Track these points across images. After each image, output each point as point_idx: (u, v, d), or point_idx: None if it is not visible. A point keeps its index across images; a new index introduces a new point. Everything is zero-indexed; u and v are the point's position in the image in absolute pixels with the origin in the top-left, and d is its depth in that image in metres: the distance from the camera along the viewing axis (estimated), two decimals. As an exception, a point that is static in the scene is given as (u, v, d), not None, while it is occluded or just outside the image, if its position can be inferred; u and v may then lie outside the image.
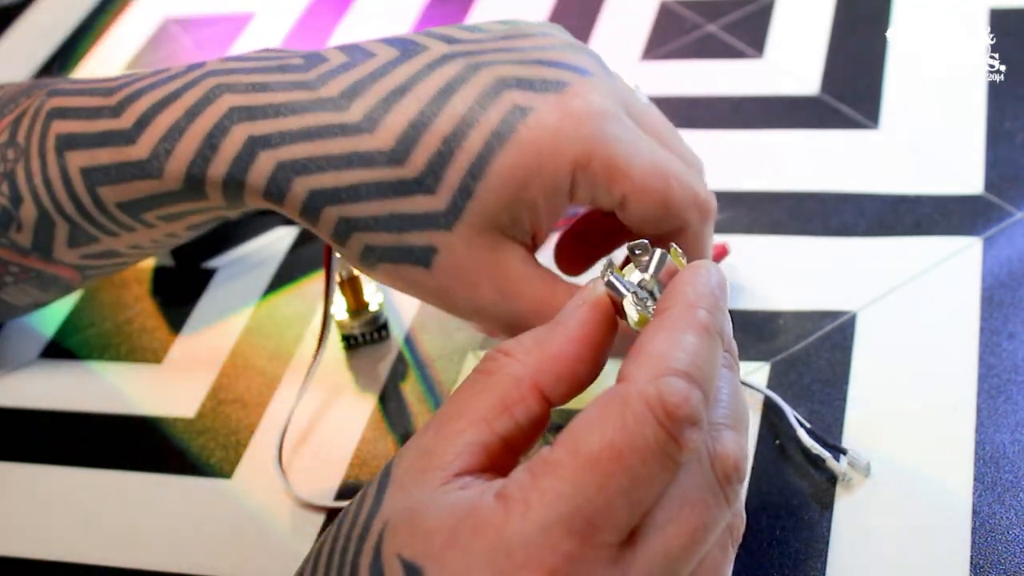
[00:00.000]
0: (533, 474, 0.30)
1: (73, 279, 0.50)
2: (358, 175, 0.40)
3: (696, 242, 0.42)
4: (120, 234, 0.47)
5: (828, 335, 0.50)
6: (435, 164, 0.39)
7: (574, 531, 0.29)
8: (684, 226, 0.41)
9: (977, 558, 0.41)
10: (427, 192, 0.39)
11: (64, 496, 0.50)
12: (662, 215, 0.41)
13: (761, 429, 0.47)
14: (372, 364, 0.53)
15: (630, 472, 0.29)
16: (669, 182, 0.40)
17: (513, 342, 0.34)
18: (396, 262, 0.40)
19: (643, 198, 0.40)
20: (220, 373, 0.54)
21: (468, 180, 0.39)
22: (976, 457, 0.44)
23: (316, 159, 0.40)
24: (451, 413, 0.33)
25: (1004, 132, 0.58)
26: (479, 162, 0.39)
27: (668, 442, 0.29)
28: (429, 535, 0.30)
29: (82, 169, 0.45)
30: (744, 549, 0.43)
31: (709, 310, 0.32)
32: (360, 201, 0.40)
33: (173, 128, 0.42)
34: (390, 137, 0.40)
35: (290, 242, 0.61)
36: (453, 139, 0.39)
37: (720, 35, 0.69)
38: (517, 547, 0.29)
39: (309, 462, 0.50)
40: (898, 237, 0.54)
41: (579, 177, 0.40)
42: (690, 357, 0.30)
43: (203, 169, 0.42)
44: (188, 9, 0.82)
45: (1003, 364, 0.47)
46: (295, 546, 0.47)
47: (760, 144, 0.61)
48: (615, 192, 0.40)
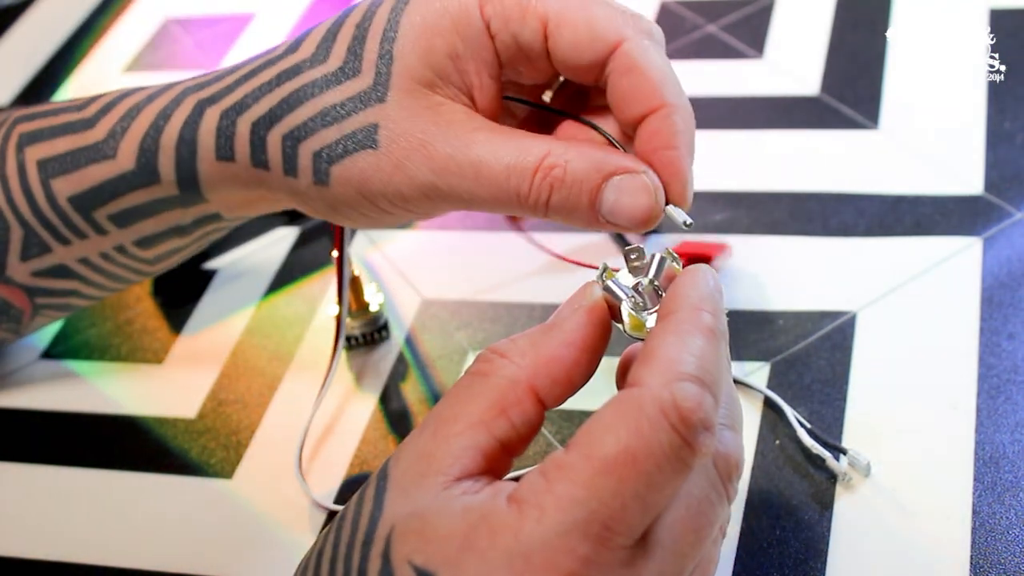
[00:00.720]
0: (547, 478, 0.30)
1: (24, 309, 0.50)
2: (287, 88, 0.41)
3: (642, 59, 0.37)
4: (71, 241, 0.47)
5: (828, 335, 0.50)
6: (354, 48, 0.40)
7: (590, 535, 0.29)
8: (620, 40, 0.37)
9: (977, 558, 0.41)
10: (353, 75, 0.40)
11: (64, 496, 0.50)
12: (590, 34, 0.37)
13: (761, 429, 0.47)
14: (372, 364, 0.53)
15: (645, 477, 0.29)
16: (589, 9, 0.38)
17: (508, 343, 0.34)
18: (345, 155, 0.40)
19: (563, 17, 0.38)
20: (221, 374, 0.55)
21: (384, 47, 0.39)
22: (976, 457, 0.44)
23: (251, 94, 0.42)
24: (447, 416, 0.33)
25: (1004, 132, 0.58)
26: (389, 28, 0.39)
27: (683, 447, 0.29)
28: (442, 541, 0.30)
29: (38, 161, 0.46)
30: (744, 549, 0.43)
31: (712, 313, 0.33)
32: (294, 110, 0.40)
33: (132, 109, 0.45)
34: (311, 45, 0.41)
35: (290, 243, 0.61)
36: (364, 22, 0.40)
37: (720, 35, 0.69)
38: (535, 551, 0.29)
39: (310, 462, 0.50)
40: (898, 237, 0.54)
41: (489, 11, 0.38)
42: (700, 361, 0.31)
43: (156, 140, 0.44)
44: (188, 10, 0.82)
45: (1003, 364, 0.47)
46: (295, 546, 0.47)
47: (760, 144, 0.61)
48: (531, 20, 0.38)
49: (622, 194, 0.36)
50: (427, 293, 0.56)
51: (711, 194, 0.58)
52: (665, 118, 0.36)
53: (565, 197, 0.37)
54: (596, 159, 0.37)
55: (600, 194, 0.37)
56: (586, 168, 0.37)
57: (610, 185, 0.37)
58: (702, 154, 0.46)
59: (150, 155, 0.44)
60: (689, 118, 0.37)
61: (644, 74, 0.37)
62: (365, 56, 0.39)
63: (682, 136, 0.37)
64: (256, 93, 0.41)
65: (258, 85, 0.41)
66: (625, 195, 0.36)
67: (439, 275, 0.57)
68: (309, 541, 0.47)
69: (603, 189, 0.37)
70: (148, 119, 0.44)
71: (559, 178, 0.37)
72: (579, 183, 0.37)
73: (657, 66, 0.37)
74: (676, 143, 0.36)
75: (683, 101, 0.37)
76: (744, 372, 0.49)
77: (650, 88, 0.37)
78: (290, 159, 0.41)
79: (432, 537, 0.31)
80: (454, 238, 0.59)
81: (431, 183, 0.39)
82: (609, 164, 0.37)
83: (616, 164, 0.37)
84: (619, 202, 0.36)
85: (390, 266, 0.58)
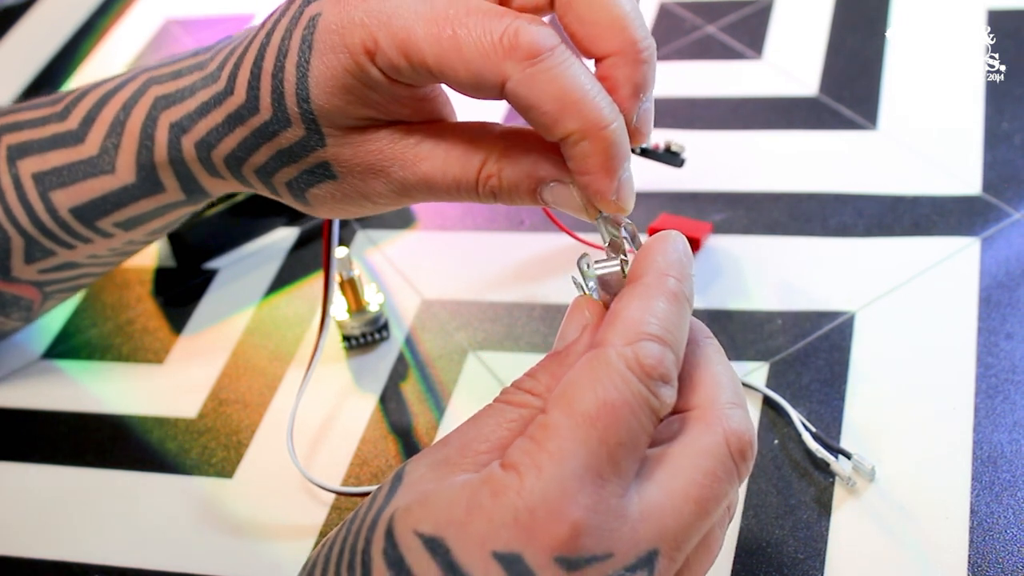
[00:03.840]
0: (536, 440, 0.31)
1: (34, 299, 0.51)
2: (239, 133, 0.42)
3: (531, 95, 0.36)
4: (76, 246, 0.48)
5: (827, 335, 0.50)
6: (276, 100, 0.41)
7: (587, 483, 0.31)
8: (502, 80, 0.36)
9: (975, 557, 0.41)
10: (287, 125, 0.41)
11: (65, 496, 0.51)
12: (473, 80, 0.37)
13: (760, 429, 0.47)
14: (372, 364, 0.54)
15: (625, 424, 0.31)
16: (456, 33, 0.36)
17: (530, 381, 0.35)
18: (313, 185, 0.42)
19: (443, 62, 0.37)
20: (221, 373, 0.55)
21: (302, 106, 0.40)
22: (974, 457, 0.44)
23: (212, 131, 0.43)
24: (476, 436, 0.34)
25: (1002, 133, 0.58)
26: (300, 87, 0.40)
27: (651, 396, 0.32)
28: (445, 508, 0.31)
29: (34, 175, 0.47)
30: (743, 549, 0.43)
31: (678, 278, 0.34)
32: (254, 152, 0.42)
33: (115, 123, 0.46)
34: (242, 90, 0.42)
35: (291, 243, 0.61)
36: (277, 73, 0.41)
37: (719, 36, 0.69)
38: (537, 504, 0.30)
39: (310, 461, 0.50)
40: (896, 237, 0.54)
41: (380, 62, 0.38)
42: (662, 323, 0.33)
43: (150, 159, 0.45)
44: (189, 10, 0.82)
45: (1001, 364, 0.47)
46: (296, 545, 0.47)
47: (759, 145, 0.61)
48: (418, 66, 0.38)
49: (556, 197, 0.39)
50: (427, 293, 0.57)
51: (710, 194, 0.58)
52: (572, 146, 0.36)
53: (508, 198, 0.40)
54: (526, 168, 0.39)
55: (540, 193, 0.39)
56: (517, 177, 0.39)
57: (545, 189, 0.39)
58: (702, 155, 0.46)
59: (149, 170, 0.46)
60: (602, 132, 0.36)
61: (539, 108, 0.36)
62: (289, 110, 0.41)
63: (593, 160, 0.36)
64: (216, 133, 0.43)
65: (214, 125, 0.43)
66: (559, 198, 0.39)
67: (439, 275, 0.57)
68: (310, 540, 0.47)
69: (541, 190, 0.39)
70: (134, 137, 0.46)
71: (496, 187, 0.39)
72: (515, 187, 0.39)
73: (551, 94, 0.36)
74: (590, 169, 0.37)
75: (591, 118, 0.36)
76: (743, 372, 0.49)
77: (550, 121, 0.36)
78: (268, 186, 0.43)
79: (435, 506, 0.32)
80: (454, 238, 0.59)
81: (395, 199, 0.42)
82: (538, 170, 0.38)
83: (547, 172, 0.38)
84: (556, 202, 0.39)
85: (390, 266, 0.58)
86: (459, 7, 0.37)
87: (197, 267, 0.61)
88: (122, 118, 0.46)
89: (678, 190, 0.58)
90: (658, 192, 0.58)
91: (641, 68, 0.37)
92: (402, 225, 0.61)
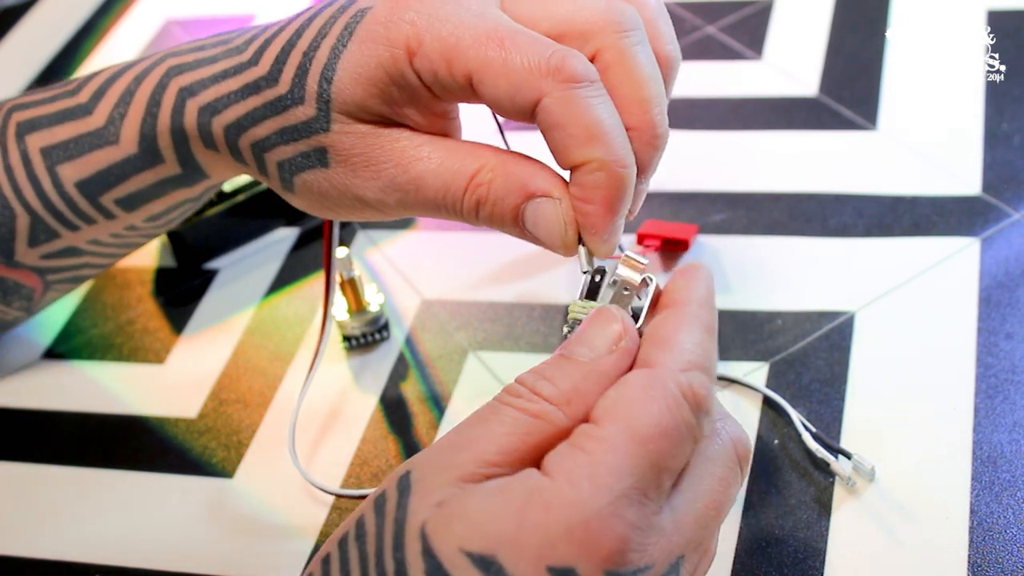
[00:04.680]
0: (588, 451, 0.32)
1: (35, 288, 0.51)
2: (250, 103, 0.43)
3: (564, 115, 0.37)
4: (80, 227, 0.48)
5: (827, 335, 0.50)
6: (298, 77, 0.42)
7: (634, 501, 0.31)
8: (539, 97, 0.37)
9: (975, 557, 0.41)
10: (300, 103, 0.42)
11: (65, 496, 0.51)
12: (510, 91, 0.37)
13: (760, 429, 0.47)
14: (372, 364, 0.54)
15: (673, 450, 0.32)
16: (505, 47, 0.38)
17: (552, 388, 0.34)
18: (303, 169, 0.42)
19: (484, 73, 0.38)
20: (222, 373, 0.55)
21: (323, 85, 0.41)
22: (974, 457, 0.44)
23: (221, 99, 0.44)
24: (487, 441, 0.33)
25: (1002, 133, 0.58)
26: (328, 68, 0.41)
27: (696, 426, 0.33)
28: (492, 523, 0.31)
29: (42, 149, 0.48)
30: (742, 548, 0.43)
31: (711, 312, 0.36)
32: (257, 124, 0.43)
33: (125, 94, 0.47)
34: (268, 62, 0.43)
35: (291, 243, 0.61)
36: (309, 50, 0.41)
37: (719, 36, 0.69)
38: (591, 519, 0.31)
39: (311, 461, 0.50)
40: (896, 238, 0.54)
41: (417, 64, 0.39)
42: (706, 353, 0.35)
43: (153, 127, 0.46)
44: (189, 11, 0.82)
45: (1000, 364, 0.48)
46: (297, 545, 0.47)
47: (759, 145, 0.61)
48: (457, 75, 0.38)
49: (537, 216, 0.39)
50: (427, 293, 0.57)
51: (710, 194, 0.58)
52: (587, 174, 0.37)
53: (490, 212, 0.39)
54: (521, 179, 0.39)
55: (523, 212, 0.39)
56: (508, 188, 0.39)
57: (530, 205, 0.39)
58: (701, 155, 0.47)
59: (151, 140, 0.46)
60: (617, 170, 0.37)
61: (566, 130, 0.37)
62: (307, 87, 0.41)
63: (601, 192, 0.37)
64: (226, 100, 0.44)
65: (227, 92, 0.44)
66: (540, 218, 0.39)
67: (439, 275, 0.57)
68: (310, 540, 0.47)
69: (525, 208, 0.39)
70: (142, 104, 0.46)
71: (483, 196, 0.39)
72: (501, 200, 0.39)
73: (581, 119, 0.37)
74: (594, 200, 0.37)
75: (610, 152, 0.37)
76: (743, 372, 0.50)
77: (573, 143, 0.37)
78: (260, 163, 0.44)
79: (479, 520, 0.31)
80: (454, 238, 0.60)
81: (379, 199, 0.41)
82: (531, 185, 0.38)
83: (538, 186, 0.38)
84: (536, 224, 0.39)
85: (390, 266, 0.58)
86: (512, 27, 0.38)
87: (197, 267, 0.61)
88: (132, 88, 0.47)
89: (678, 190, 0.59)
90: (658, 192, 0.58)
91: (650, 151, 0.39)
92: (402, 225, 0.61)
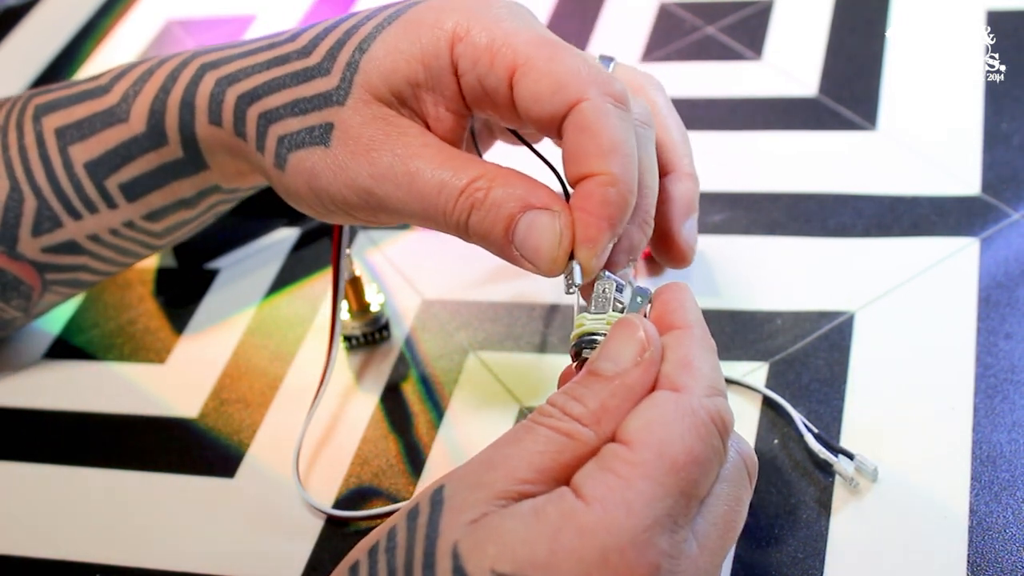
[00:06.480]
0: (620, 476, 0.32)
1: (34, 286, 0.51)
2: (273, 72, 0.43)
3: (597, 122, 0.37)
4: (83, 215, 0.49)
5: (826, 335, 0.50)
6: (333, 50, 0.42)
7: (666, 528, 0.32)
8: (581, 98, 0.37)
9: (974, 556, 0.41)
10: (324, 75, 0.41)
11: (66, 496, 0.51)
12: (552, 87, 0.37)
13: (760, 429, 0.47)
14: (373, 364, 0.54)
15: (703, 477, 0.33)
16: (556, 50, 0.38)
17: (581, 408, 0.34)
18: (302, 147, 0.42)
19: (530, 65, 0.38)
20: (223, 373, 0.55)
21: (356, 55, 0.41)
22: (973, 456, 0.44)
23: (245, 69, 0.44)
24: (519, 460, 0.33)
25: (1001, 133, 0.58)
26: (365, 41, 0.41)
27: (723, 452, 0.34)
28: (525, 545, 0.31)
29: (56, 129, 0.48)
30: (742, 548, 0.43)
31: (708, 333, 0.37)
32: (273, 93, 0.43)
33: (145, 72, 0.48)
34: (306, 38, 0.43)
35: (292, 243, 0.61)
36: (353, 28, 0.42)
37: (719, 37, 0.69)
38: (626, 546, 0.31)
39: (310, 461, 0.50)
40: (896, 238, 0.54)
41: (459, 50, 0.39)
42: (720, 377, 0.35)
43: (163, 103, 0.46)
44: (190, 11, 0.82)
45: (1000, 364, 0.48)
46: (297, 545, 0.47)
47: (758, 145, 0.61)
48: (498, 66, 0.38)
49: (531, 229, 0.38)
50: (427, 293, 0.57)
51: (710, 195, 0.58)
52: (599, 185, 0.37)
53: (482, 219, 0.38)
54: (520, 190, 0.38)
55: (515, 224, 0.38)
56: (505, 196, 0.38)
57: (524, 217, 0.38)
58: (701, 155, 0.47)
59: (159, 117, 0.47)
60: (626, 192, 0.37)
61: (595, 138, 0.37)
62: (338, 59, 0.41)
63: (607, 208, 0.37)
64: (249, 70, 0.44)
65: (254, 64, 0.44)
66: (533, 230, 0.38)
67: (439, 275, 0.57)
68: (310, 541, 0.47)
69: (518, 220, 0.38)
70: (159, 81, 0.47)
71: (479, 200, 0.38)
72: (496, 207, 0.38)
73: (611, 132, 0.37)
74: (599, 212, 0.37)
75: (626, 173, 0.37)
76: (743, 372, 0.50)
77: (596, 152, 0.37)
78: (261, 137, 0.43)
79: (512, 542, 0.31)
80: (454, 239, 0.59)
81: (368, 188, 0.40)
82: (530, 197, 0.38)
83: (536, 199, 0.38)
84: (527, 237, 0.38)
85: (390, 266, 0.58)
86: (563, 42, 0.39)
87: (198, 267, 0.61)
88: (154, 67, 0.47)
89: (678, 190, 0.59)
90: (658, 192, 0.58)
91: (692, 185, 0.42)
92: (402, 225, 0.61)
